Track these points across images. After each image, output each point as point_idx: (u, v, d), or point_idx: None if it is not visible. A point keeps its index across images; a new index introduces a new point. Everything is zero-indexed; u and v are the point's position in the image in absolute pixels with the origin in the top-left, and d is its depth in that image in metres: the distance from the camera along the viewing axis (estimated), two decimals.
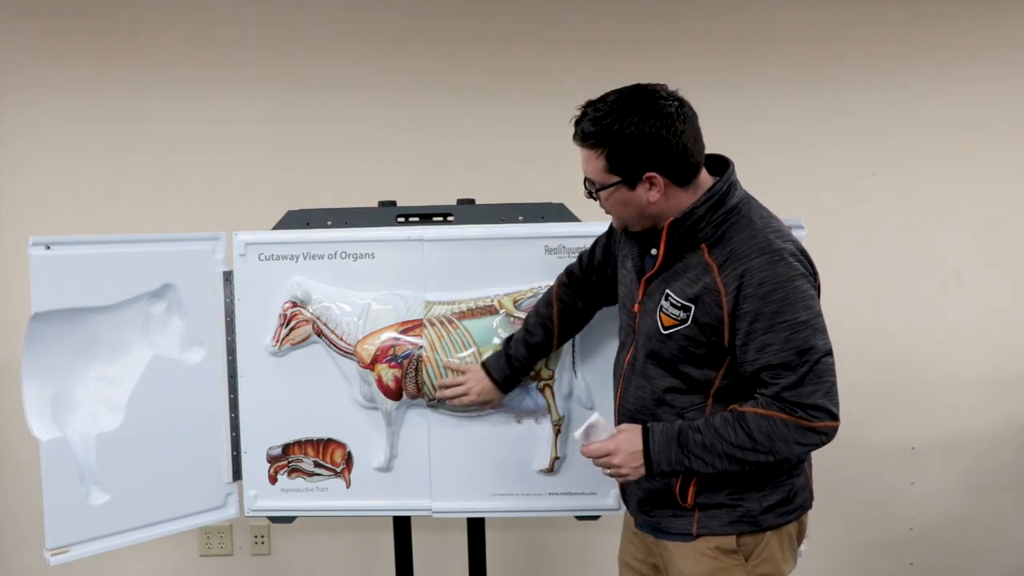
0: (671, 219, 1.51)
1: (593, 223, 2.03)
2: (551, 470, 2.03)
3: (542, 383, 2.01)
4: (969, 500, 2.85)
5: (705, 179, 1.55)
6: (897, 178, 2.77)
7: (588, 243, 2.00)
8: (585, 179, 1.58)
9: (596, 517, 2.08)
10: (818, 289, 1.54)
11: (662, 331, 1.55)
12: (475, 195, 2.16)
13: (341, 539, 2.83)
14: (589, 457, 1.59)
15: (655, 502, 1.64)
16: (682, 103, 1.50)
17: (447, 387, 1.95)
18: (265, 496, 2.08)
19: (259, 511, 2.10)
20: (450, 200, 2.12)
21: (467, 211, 2.08)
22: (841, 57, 2.74)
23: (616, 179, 1.52)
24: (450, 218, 2.07)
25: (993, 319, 2.80)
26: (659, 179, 1.49)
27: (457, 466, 2.05)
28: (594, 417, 1.59)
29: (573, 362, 2.02)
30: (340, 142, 2.74)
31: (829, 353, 1.48)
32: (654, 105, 1.47)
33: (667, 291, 1.54)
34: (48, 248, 1.85)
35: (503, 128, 2.74)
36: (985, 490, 2.85)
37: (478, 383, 1.92)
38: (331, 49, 2.72)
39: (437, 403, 2.01)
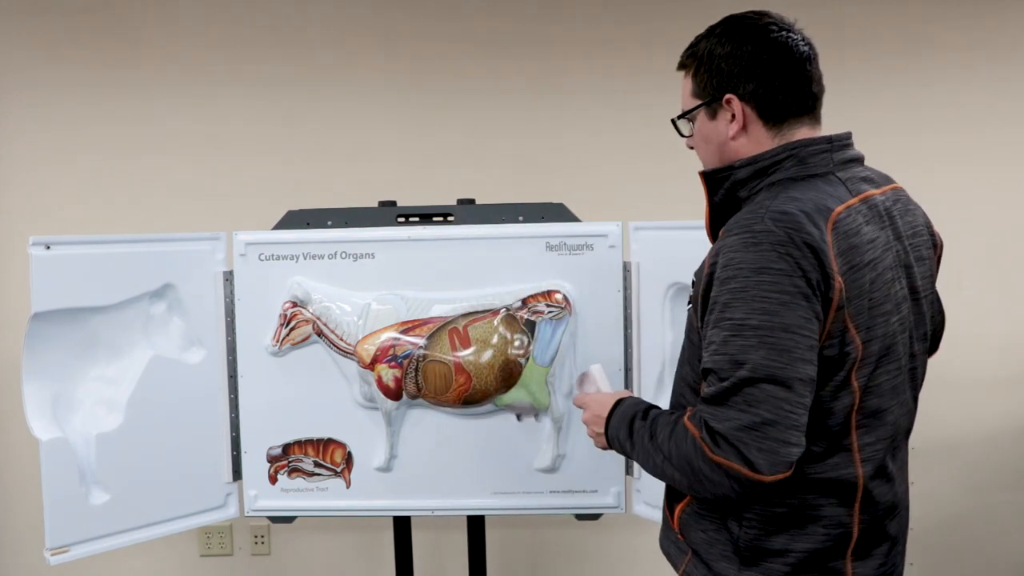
0: (701, 171, 1.34)
1: (593, 223, 2.03)
2: (552, 468, 2.04)
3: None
4: (969, 500, 2.85)
5: (802, 134, 1.31)
6: (897, 178, 2.77)
7: (588, 243, 2.01)
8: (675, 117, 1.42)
9: (596, 516, 2.08)
10: (838, 305, 1.18)
11: (687, 307, 1.39)
12: (475, 195, 2.16)
13: (341, 539, 2.83)
14: (575, 406, 1.54)
15: (665, 519, 1.47)
16: (793, 32, 1.31)
17: None
18: (265, 496, 2.08)
19: (259, 511, 2.10)
20: (450, 200, 2.12)
21: (467, 211, 2.08)
22: (841, 57, 2.74)
23: (697, 102, 1.34)
24: (450, 218, 2.07)
25: (993, 319, 2.80)
26: (738, 104, 1.29)
27: (457, 464, 2.06)
28: (591, 367, 1.56)
29: (575, 359, 2.03)
30: (340, 142, 2.74)
31: (777, 381, 1.11)
32: (748, 22, 1.31)
33: None
34: (48, 248, 1.85)
35: (503, 128, 2.74)
36: (985, 490, 2.85)
37: None
38: (331, 49, 2.72)
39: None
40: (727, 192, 1.32)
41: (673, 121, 1.40)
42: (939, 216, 2.76)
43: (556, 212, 2.06)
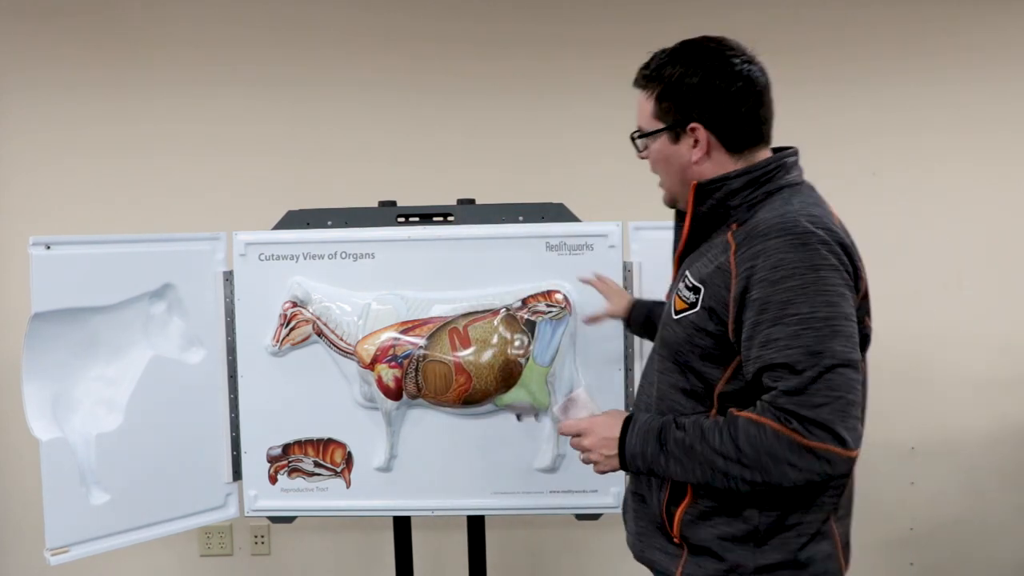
0: (696, 183, 1.37)
1: (593, 223, 2.03)
2: (552, 468, 2.04)
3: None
4: (969, 500, 2.85)
5: (761, 156, 1.39)
6: (897, 178, 2.78)
7: (588, 243, 2.01)
8: (633, 132, 1.47)
9: (596, 516, 2.08)
10: (863, 294, 1.32)
11: (673, 315, 1.39)
12: (475, 195, 2.16)
13: (341, 539, 2.83)
14: (563, 435, 1.47)
15: (646, 527, 1.47)
16: (753, 63, 1.37)
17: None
18: (265, 496, 2.08)
19: (259, 511, 2.10)
20: (450, 200, 2.12)
21: (467, 211, 2.08)
22: (840, 57, 2.74)
23: (660, 125, 1.39)
24: (450, 218, 2.07)
25: (993, 319, 2.80)
26: (703, 133, 1.35)
27: (457, 464, 2.06)
28: (576, 391, 1.49)
29: (575, 359, 2.03)
30: (340, 142, 2.74)
31: (850, 365, 1.22)
32: (714, 53, 1.36)
33: (686, 271, 1.39)
34: (48, 248, 1.86)
35: (503, 128, 2.74)
36: (985, 490, 2.85)
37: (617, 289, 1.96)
38: (331, 49, 2.72)
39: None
40: (718, 202, 1.36)
41: (632, 138, 1.46)
42: (939, 216, 2.78)
43: (556, 212, 2.06)
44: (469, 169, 2.73)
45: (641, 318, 1.86)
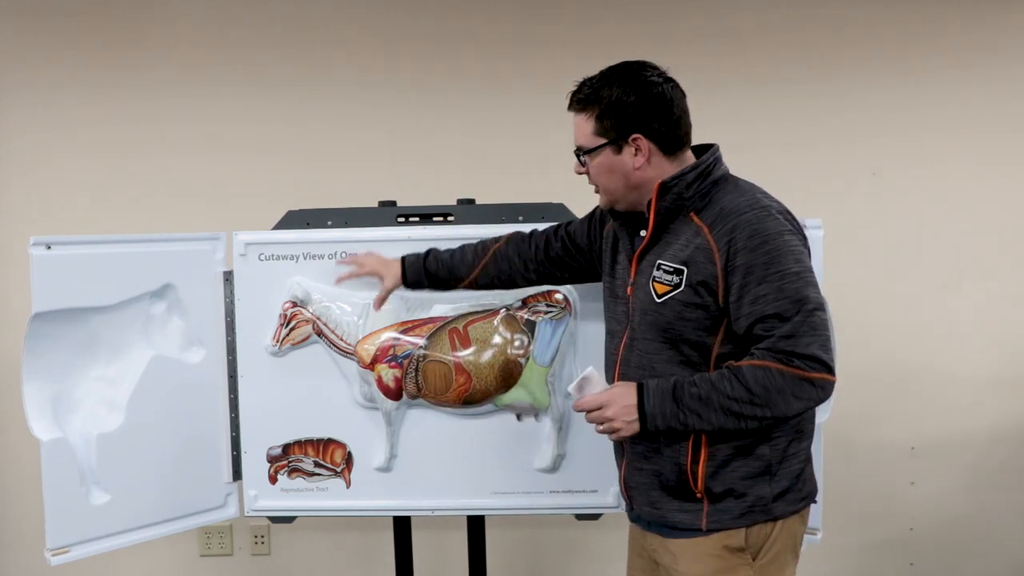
0: (660, 181, 1.55)
1: None
2: (552, 468, 2.04)
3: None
4: (969, 500, 2.85)
5: (691, 157, 1.60)
6: (897, 178, 2.78)
7: None
8: (575, 150, 1.64)
9: (596, 516, 2.08)
10: (808, 253, 1.55)
11: (656, 300, 1.55)
12: (475, 195, 2.16)
13: (341, 539, 2.83)
14: (581, 410, 1.57)
15: (661, 496, 1.61)
16: (668, 79, 1.58)
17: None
18: (265, 496, 2.08)
19: (259, 511, 2.10)
20: (450, 200, 2.12)
21: (467, 211, 2.08)
22: (840, 57, 2.74)
23: (602, 141, 1.58)
24: (450, 218, 2.07)
25: (993, 319, 2.80)
26: (644, 142, 1.55)
27: (457, 464, 2.06)
28: (588, 370, 1.58)
29: (575, 359, 2.03)
30: (340, 142, 2.74)
31: (822, 307, 1.48)
32: (641, 74, 1.57)
33: (658, 261, 1.56)
34: (49, 248, 1.86)
35: (503, 128, 2.74)
36: (985, 490, 2.85)
37: (380, 262, 1.96)
38: (331, 49, 2.73)
39: None
40: (677, 195, 1.55)
41: (577, 154, 1.64)
42: (939, 215, 2.78)
43: (556, 212, 2.06)
44: (469, 169, 2.73)
45: (418, 274, 1.92)
